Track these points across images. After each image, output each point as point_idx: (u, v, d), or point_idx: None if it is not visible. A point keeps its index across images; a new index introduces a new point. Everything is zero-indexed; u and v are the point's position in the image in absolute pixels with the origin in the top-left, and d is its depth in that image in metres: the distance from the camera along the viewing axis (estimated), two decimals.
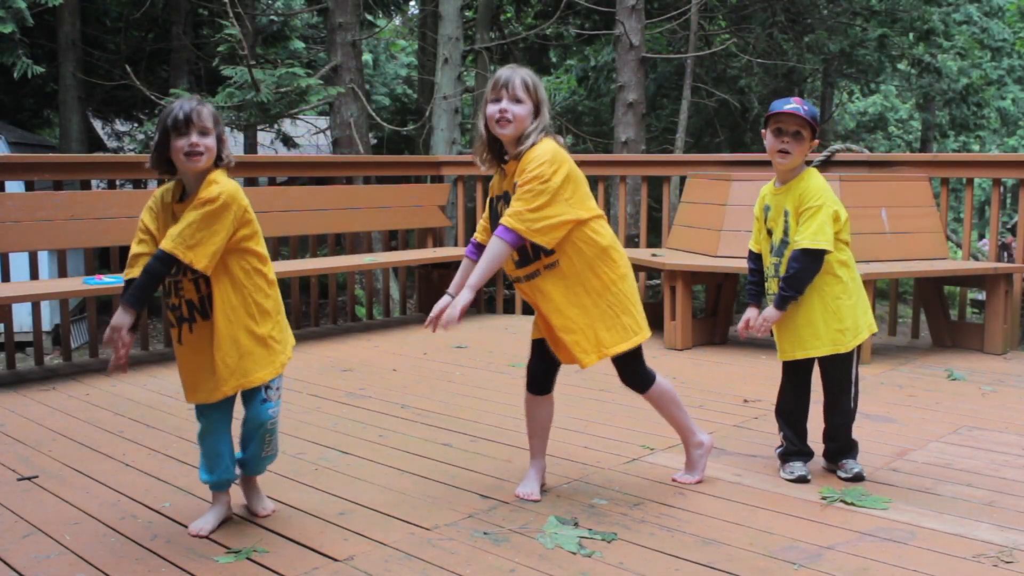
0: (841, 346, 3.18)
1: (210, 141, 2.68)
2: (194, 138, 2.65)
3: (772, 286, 3.27)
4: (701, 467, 3.26)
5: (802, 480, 3.22)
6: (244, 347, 2.73)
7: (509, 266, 2.97)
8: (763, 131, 3.24)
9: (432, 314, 2.95)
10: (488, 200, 3.06)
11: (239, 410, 2.84)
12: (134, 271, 2.73)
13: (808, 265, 3.12)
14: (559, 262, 2.91)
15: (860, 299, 3.24)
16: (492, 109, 2.87)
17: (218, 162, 2.73)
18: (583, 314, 2.93)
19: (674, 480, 3.25)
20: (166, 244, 2.63)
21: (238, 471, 2.92)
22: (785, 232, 3.20)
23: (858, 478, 3.22)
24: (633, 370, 3.10)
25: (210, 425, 2.82)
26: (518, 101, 2.85)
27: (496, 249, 2.84)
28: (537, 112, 2.88)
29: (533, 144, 2.85)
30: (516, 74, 2.88)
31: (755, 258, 3.37)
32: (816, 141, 3.18)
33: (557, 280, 2.93)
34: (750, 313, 3.28)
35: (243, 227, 2.72)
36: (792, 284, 3.14)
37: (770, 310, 3.21)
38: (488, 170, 3.01)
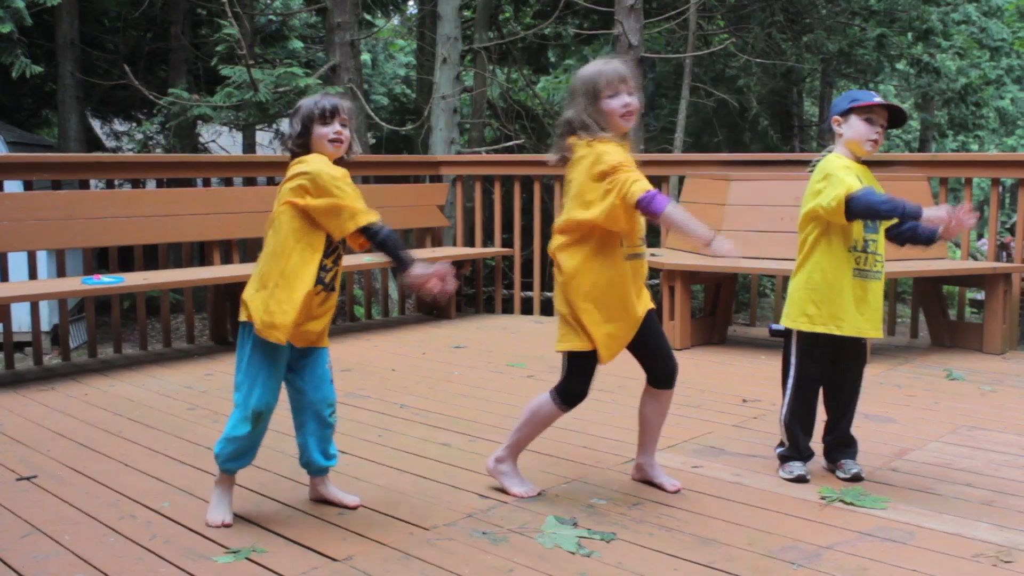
0: None
1: (348, 132, 2.89)
2: (338, 127, 2.85)
3: (868, 262, 3.18)
4: None
5: (801, 480, 3.22)
6: None
7: (634, 240, 2.98)
8: (837, 117, 3.23)
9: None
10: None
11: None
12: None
13: None
14: None
15: None
16: (616, 104, 2.90)
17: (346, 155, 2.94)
18: None
19: (678, 490, 3.16)
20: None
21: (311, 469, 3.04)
22: None
23: (856, 478, 3.22)
24: None
25: (269, 416, 2.88)
26: (633, 94, 2.94)
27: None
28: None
29: None
30: (624, 67, 2.95)
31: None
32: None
33: None
34: (944, 210, 3.08)
35: None
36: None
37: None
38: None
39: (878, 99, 3.19)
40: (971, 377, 4.93)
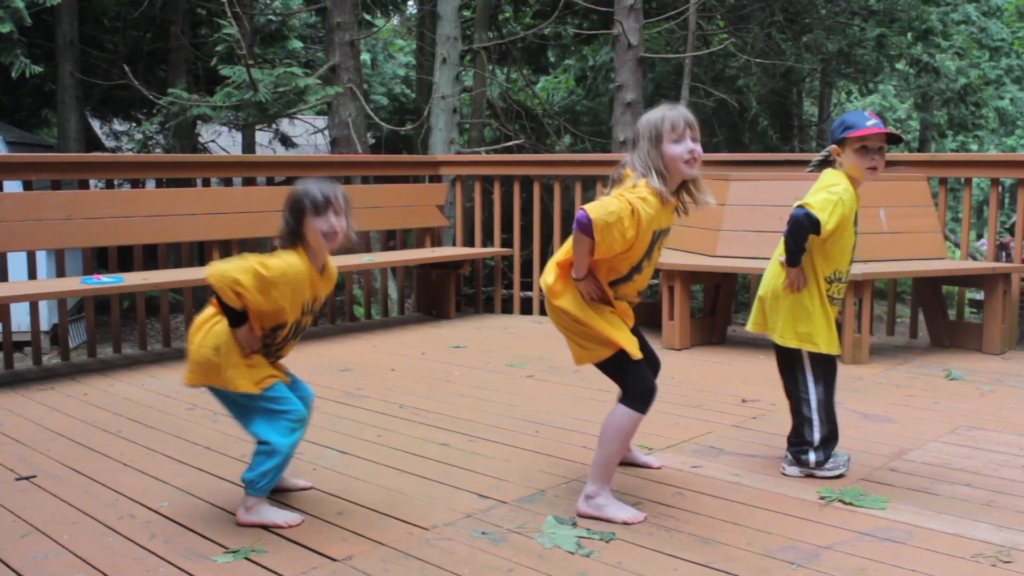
0: None
1: (343, 223, 2.82)
2: (332, 220, 2.79)
3: (841, 291, 3.31)
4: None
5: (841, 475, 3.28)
6: None
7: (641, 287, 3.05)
8: (835, 147, 3.21)
9: None
10: (653, 233, 2.90)
11: None
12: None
13: None
14: None
15: None
16: (680, 150, 2.86)
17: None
18: None
19: (660, 467, 3.41)
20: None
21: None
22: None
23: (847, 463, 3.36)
24: None
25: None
26: (697, 140, 2.90)
27: None
28: None
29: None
30: (689, 113, 2.92)
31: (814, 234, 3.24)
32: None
33: None
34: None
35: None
36: None
37: None
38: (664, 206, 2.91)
39: (870, 125, 3.11)
40: (970, 377, 4.93)
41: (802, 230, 3.14)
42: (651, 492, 3.14)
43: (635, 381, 2.96)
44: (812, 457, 3.27)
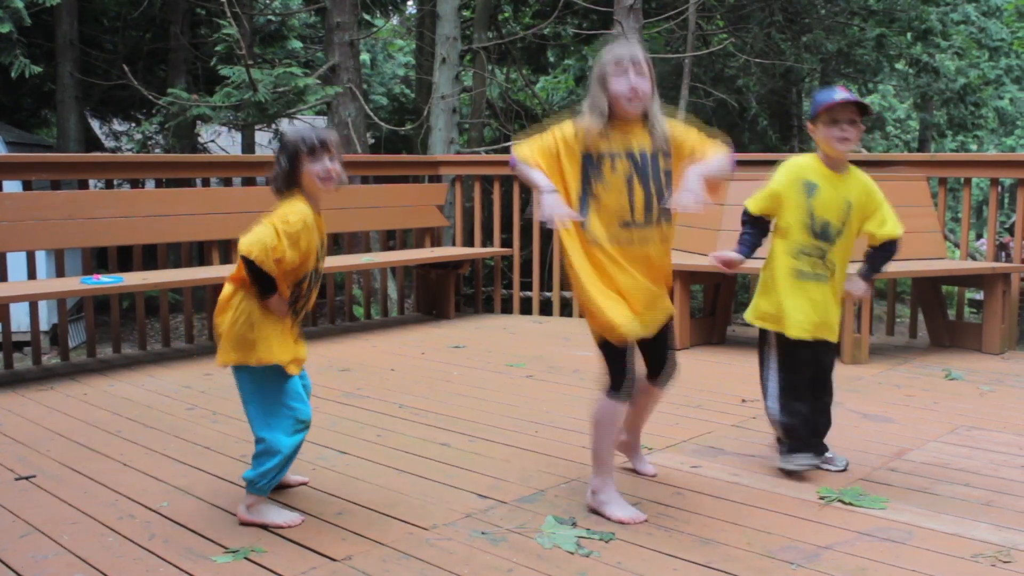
0: None
1: (338, 166, 2.84)
2: (327, 163, 2.80)
3: (816, 267, 3.27)
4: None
5: (809, 468, 3.28)
6: None
7: (640, 212, 2.85)
8: (810, 124, 3.25)
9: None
10: (611, 155, 2.83)
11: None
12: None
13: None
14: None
15: None
16: (623, 85, 2.79)
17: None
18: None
19: (655, 475, 3.34)
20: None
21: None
22: (844, 223, 3.25)
23: (846, 468, 3.35)
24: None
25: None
26: (643, 76, 2.82)
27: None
28: (652, 88, 2.86)
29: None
30: (638, 51, 2.83)
31: (755, 221, 3.38)
32: (863, 127, 3.24)
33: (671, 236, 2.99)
34: (735, 256, 3.37)
35: None
36: (886, 265, 3.36)
37: (861, 283, 3.34)
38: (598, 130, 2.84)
39: (837, 97, 3.14)
40: (970, 377, 4.93)
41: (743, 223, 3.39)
42: (651, 492, 3.15)
43: (612, 366, 2.92)
44: (780, 448, 3.32)
